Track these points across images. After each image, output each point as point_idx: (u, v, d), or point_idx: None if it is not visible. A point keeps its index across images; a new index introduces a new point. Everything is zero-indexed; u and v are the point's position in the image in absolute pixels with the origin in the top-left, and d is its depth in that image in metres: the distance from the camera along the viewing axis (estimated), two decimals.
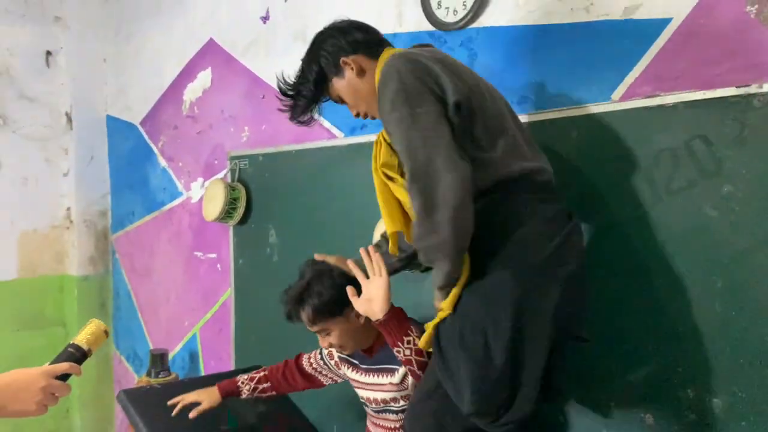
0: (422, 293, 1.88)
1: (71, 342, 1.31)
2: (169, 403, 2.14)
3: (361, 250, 1.65)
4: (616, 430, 1.69)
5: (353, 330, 1.82)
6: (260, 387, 2.14)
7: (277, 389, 2.15)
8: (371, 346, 1.89)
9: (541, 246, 1.37)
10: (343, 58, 1.60)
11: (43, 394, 1.18)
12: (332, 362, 2.05)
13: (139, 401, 2.31)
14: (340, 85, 1.62)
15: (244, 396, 2.14)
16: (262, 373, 2.15)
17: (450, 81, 1.41)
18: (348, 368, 1.98)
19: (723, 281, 1.51)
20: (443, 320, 1.40)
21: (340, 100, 1.67)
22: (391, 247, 1.62)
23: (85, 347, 1.30)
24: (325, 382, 2.11)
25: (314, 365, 2.10)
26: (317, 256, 1.83)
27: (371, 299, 1.60)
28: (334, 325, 1.79)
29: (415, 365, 1.61)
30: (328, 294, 1.75)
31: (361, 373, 1.94)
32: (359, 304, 1.63)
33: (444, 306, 1.40)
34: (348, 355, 1.97)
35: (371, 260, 1.62)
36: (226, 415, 2.37)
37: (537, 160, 1.52)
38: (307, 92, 1.65)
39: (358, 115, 1.66)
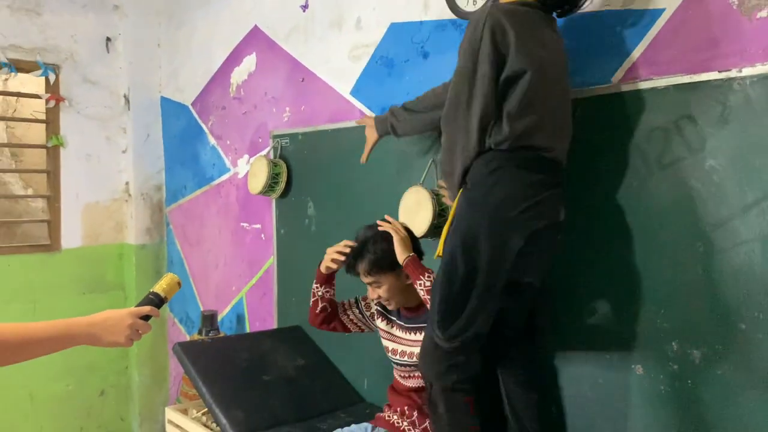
0: None
1: (151, 290, 1.57)
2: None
3: (386, 217, 2.06)
4: (611, 379, 1.88)
5: (400, 287, 2.10)
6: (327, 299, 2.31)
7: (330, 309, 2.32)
8: (417, 306, 2.13)
9: (514, 204, 1.66)
10: None
11: (130, 330, 1.42)
12: (368, 313, 2.29)
13: (191, 352, 2.61)
14: None
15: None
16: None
17: (517, 55, 1.65)
18: (382, 321, 2.22)
19: (705, 246, 1.69)
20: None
21: None
22: None
23: (162, 294, 1.56)
24: (349, 327, 2.33)
25: (345, 306, 2.32)
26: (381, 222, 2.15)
27: (396, 251, 2.00)
28: (385, 279, 2.09)
29: None
30: (382, 252, 2.07)
31: (398, 329, 2.18)
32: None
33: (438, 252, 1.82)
34: (388, 312, 2.21)
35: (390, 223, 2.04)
36: (268, 364, 2.66)
37: (548, 141, 1.72)
38: None
39: None
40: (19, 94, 4.02)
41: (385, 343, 2.22)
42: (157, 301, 1.53)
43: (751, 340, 1.62)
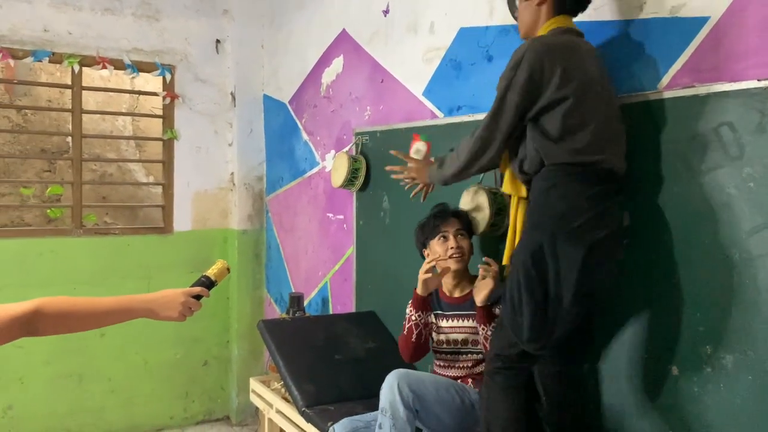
0: None
1: (203, 274, 1.79)
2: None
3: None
4: (648, 379, 1.94)
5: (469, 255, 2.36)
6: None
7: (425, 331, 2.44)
8: (464, 296, 2.32)
9: (574, 217, 1.77)
10: None
11: (183, 306, 1.62)
12: None
13: (273, 330, 2.89)
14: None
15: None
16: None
17: (555, 86, 1.80)
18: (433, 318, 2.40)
19: (739, 253, 1.71)
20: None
21: None
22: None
23: (212, 278, 1.77)
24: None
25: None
26: None
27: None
28: (467, 238, 2.36)
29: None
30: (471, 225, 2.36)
31: (444, 319, 2.34)
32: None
33: (504, 259, 1.99)
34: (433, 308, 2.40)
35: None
36: (341, 345, 2.88)
37: (605, 153, 1.83)
38: None
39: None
40: (139, 92, 4.51)
41: (435, 337, 2.39)
42: (208, 283, 1.73)
43: None
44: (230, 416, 4.39)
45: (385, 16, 3.11)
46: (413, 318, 2.35)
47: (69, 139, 4.34)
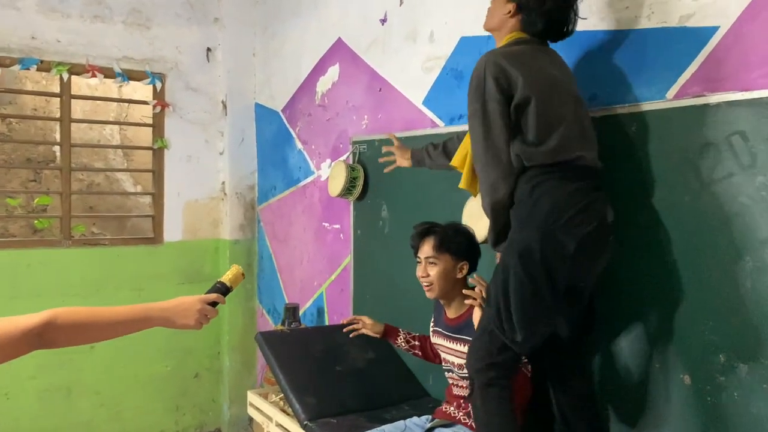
0: None
1: (218, 280, 1.76)
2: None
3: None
4: (659, 388, 1.93)
5: (451, 278, 2.23)
6: (413, 343, 2.56)
7: (423, 352, 2.54)
8: (458, 316, 2.26)
9: (560, 213, 1.79)
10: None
11: (199, 314, 1.60)
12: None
13: (271, 341, 2.84)
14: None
15: (398, 342, 2.58)
16: (417, 342, 2.56)
17: (521, 84, 1.83)
18: (437, 337, 2.36)
19: (753, 262, 1.71)
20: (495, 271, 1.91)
21: None
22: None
23: (228, 284, 1.74)
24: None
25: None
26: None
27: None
28: (443, 261, 2.22)
29: None
30: (458, 238, 2.25)
31: (447, 340, 2.31)
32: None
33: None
34: (436, 326, 2.37)
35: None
36: (341, 356, 2.84)
37: (579, 150, 1.86)
38: None
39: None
40: (130, 101, 4.45)
41: (444, 356, 2.35)
42: (224, 289, 1.70)
43: None
44: (222, 429, 4.32)
45: (383, 24, 3.09)
46: (403, 349, 2.58)
47: (56, 148, 4.27)
